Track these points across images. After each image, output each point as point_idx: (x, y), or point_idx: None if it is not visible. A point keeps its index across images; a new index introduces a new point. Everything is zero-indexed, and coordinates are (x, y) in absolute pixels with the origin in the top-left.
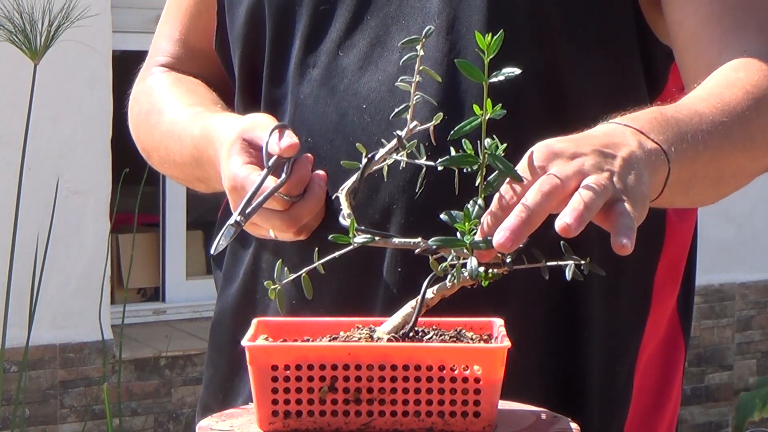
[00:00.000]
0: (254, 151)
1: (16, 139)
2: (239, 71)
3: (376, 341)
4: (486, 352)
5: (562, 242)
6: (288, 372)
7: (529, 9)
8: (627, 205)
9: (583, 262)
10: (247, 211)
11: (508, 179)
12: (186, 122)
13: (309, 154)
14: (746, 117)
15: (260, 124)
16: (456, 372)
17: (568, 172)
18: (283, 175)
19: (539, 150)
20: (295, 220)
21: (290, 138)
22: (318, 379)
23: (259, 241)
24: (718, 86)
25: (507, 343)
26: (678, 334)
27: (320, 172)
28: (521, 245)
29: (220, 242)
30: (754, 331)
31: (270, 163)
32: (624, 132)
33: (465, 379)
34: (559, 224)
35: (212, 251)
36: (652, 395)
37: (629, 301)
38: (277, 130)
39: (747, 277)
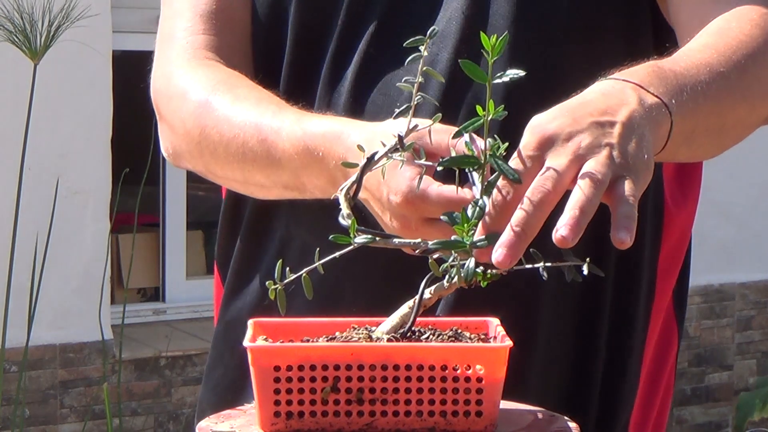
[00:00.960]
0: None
1: (16, 139)
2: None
3: (376, 341)
4: (488, 352)
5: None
6: (290, 373)
7: (566, 8)
8: (628, 184)
9: (582, 263)
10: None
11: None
12: (280, 121)
13: None
14: (742, 66)
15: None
16: (458, 372)
17: (563, 164)
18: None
19: (533, 135)
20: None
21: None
22: (320, 380)
23: (283, 239)
24: (711, 37)
25: (508, 342)
26: (672, 326)
27: None
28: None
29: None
30: (754, 331)
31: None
32: (623, 89)
33: (467, 379)
34: (555, 237)
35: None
36: (643, 387)
37: (638, 291)
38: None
39: (747, 277)
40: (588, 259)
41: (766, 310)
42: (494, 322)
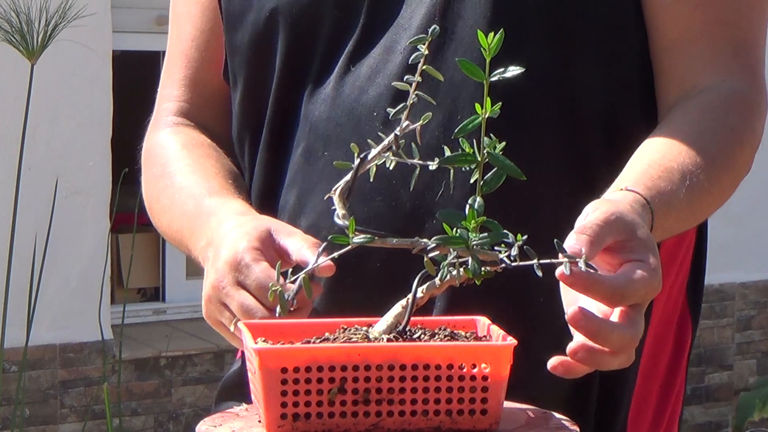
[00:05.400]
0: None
1: (16, 139)
2: (242, 97)
3: (374, 341)
4: (494, 350)
5: (555, 240)
6: (297, 374)
7: (538, 8)
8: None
9: (578, 259)
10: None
11: None
12: (186, 211)
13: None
14: (705, 187)
15: (281, 231)
16: (464, 370)
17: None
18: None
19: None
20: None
21: (331, 264)
22: (327, 381)
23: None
24: (690, 136)
25: (512, 340)
26: (687, 322)
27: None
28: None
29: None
30: (754, 331)
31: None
32: (651, 236)
33: (473, 377)
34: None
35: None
36: (659, 382)
37: None
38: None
39: (747, 277)
40: (584, 255)
41: (766, 310)
42: (482, 320)
